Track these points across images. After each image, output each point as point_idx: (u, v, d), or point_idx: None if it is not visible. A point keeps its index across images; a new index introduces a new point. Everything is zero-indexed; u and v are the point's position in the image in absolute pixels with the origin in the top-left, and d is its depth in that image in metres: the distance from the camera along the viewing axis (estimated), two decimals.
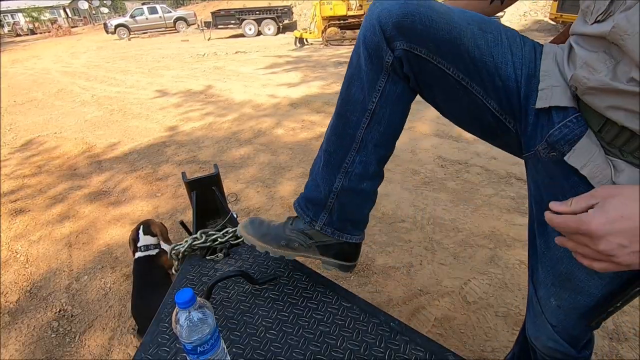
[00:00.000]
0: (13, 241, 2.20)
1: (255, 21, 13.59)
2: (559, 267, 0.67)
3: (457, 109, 0.73)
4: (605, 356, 1.26)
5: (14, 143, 3.92)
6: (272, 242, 0.87)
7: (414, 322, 1.43)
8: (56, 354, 1.45)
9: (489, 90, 0.66)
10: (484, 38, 0.64)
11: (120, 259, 1.94)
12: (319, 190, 0.81)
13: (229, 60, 8.16)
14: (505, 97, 0.66)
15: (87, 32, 26.73)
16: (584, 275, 0.64)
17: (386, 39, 0.64)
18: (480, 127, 0.74)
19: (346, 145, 0.76)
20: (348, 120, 0.74)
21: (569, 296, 0.68)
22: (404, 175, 2.52)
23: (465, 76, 0.66)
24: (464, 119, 0.75)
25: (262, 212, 2.24)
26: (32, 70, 9.19)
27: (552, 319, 0.72)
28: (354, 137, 0.74)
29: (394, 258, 1.77)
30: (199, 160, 3.05)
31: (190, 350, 0.62)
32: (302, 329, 0.81)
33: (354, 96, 0.72)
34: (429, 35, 0.62)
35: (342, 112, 0.75)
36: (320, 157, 0.81)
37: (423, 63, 0.65)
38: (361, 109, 0.72)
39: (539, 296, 0.74)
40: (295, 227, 0.86)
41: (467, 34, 0.63)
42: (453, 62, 0.64)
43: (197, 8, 25.39)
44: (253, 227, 0.90)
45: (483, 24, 0.65)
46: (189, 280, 1.01)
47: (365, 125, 0.73)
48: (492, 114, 0.68)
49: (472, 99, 0.68)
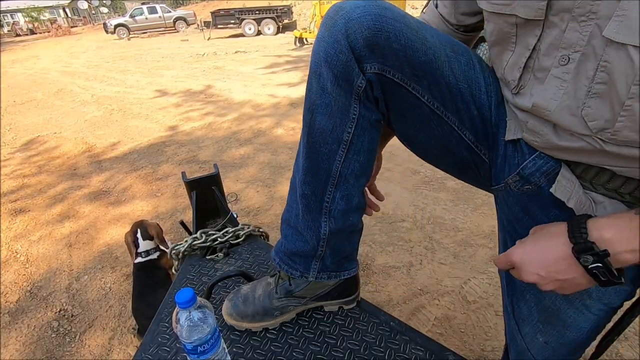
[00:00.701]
0: (13, 241, 2.20)
1: (255, 21, 13.58)
2: (544, 302, 0.64)
3: (430, 141, 0.63)
4: (605, 355, 1.26)
5: (13, 143, 3.92)
6: (266, 317, 0.79)
7: (414, 321, 1.43)
8: (56, 353, 1.45)
9: (465, 121, 0.59)
10: (457, 61, 0.57)
11: (120, 259, 1.94)
12: (304, 241, 0.71)
13: (228, 60, 8.16)
14: (482, 127, 0.60)
15: (87, 32, 26.71)
16: (571, 310, 0.61)
17: (356, 59, 0.52)
18: (452, 160, 0.66)
19: (322, 182, 0.65)
20: (319, 153, 0.62)
21: (557, 332, 0.64)
22: (403, 175, 2.52)
23: (440, 105, 0.57)
24: (433, 152, 0.66)
25: (262, 211, 2.24)
26: (31, 70, 9.18)
27: (538, 356, 0.68)
28: (330, 172, 0.63)
29: (394, 257, 1.77)
30: (199, 160, 3.05)
31: (191, 350, 0.62)
32: (302, 328, 0.81)
33: (321, 126, 0.60)
34: (406, 56, 0.52)
35: (311, 147, 0.63)
36: (297, 203, 0.70)
37: (396, 89, 0.55)
38: (333, 140, 0.60)
39: (524, 333, 0.69)
40: (281, 293, 0.78)
41: (442, 56, 0.55)
42: (428, 89, 0.56)
43: (197, 8, 25.38)
44: (237, 309, 0.80)
45: (454, 45, 0.58)
46: (189, 280, 1.01)
47: (342, 158, 0.62)
48: (467, 146, 0.62)
49: (447, 130, 0.60)
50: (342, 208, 0.67)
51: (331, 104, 0.57)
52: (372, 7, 0.50)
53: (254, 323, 0.80)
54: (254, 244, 1.13)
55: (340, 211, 0.67)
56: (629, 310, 0.59)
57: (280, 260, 0.77)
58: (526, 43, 0.50)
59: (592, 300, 0.58)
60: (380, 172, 0.85)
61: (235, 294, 0.83)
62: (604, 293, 0.57)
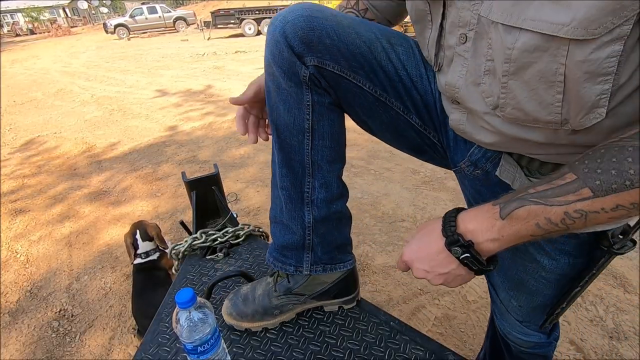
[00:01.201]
0: (13, 241, 2.20)
1: (255, 21, 13.58)
2: (510, 273, 0.70)
3: (380, 126, 0.69)
4: (605, 355, 1.26)
5: (13, 143, 3.92)
6: (265, 317, 0.79)
7: (414, 321, 1.43)
8: (56, 353, 1.45)
9: (409, 105, 0.64)
10: (394, 51, 0.62)
11: (121, 259, 1.94)
12: (291, 232, 0.73)
13: (228, 60, 8.15)
14: (426, 111, 0.65)
15: (87, 32, 26.71)
16: (533, 280, 0.67)
17: (296, 55, 0.58)
18: (406, 142, 0.71)
19: (299, 174, 0.68)
20: (290, 147, 0.66)
21: (526, 298, 0.70)
22: (403, 175, 2.52)
23: (382, 92, 0.62)
24: (389, 136, 0.71)
25: (262, 211, 2.24)
26: (31, 70, 9.18)
27: (517, 317, 0.75)
28: (303, 162, 0.67)
29: (394, 257, 1.77)
30: (199, 160, 3.05)
31: (191, 350, 0.62)
32: (302, 328, 0.81)
33: (284, 121, 0.65)
34: (339, 50, 0.58)
35: (281, 142, 0.67)
36: (279, 198, 0.73)
37: (338, 79, 0.60)
38: (297, 131, 0.64)
39: (501, 298, 0.76)
40: (280, 291, 0.78)
41: (378, 47, 0.60)
42: (368, 78, 0.61)
43: (197, 8, 25.38)
44: (237, 308, 0.80)
45: (392, 36, 0.62)
46: (189, 280, 1.01)
47: (309, 146, 0.66)
48: (415, 129, 0.67)
49: (393, 115, 0.65)
50: (323, 196, 0.70)
51: (287, 98, 0.63)
52: (305, 10, 0.57)
53: (253, 323, 0.80)
54: (254, 244, 1.13)
55: (322, 199, 0.70)
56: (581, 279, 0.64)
57: (274, 259, 0.78)
58: (437, 22, 0.53)
59: (547, 272, 0.64)
60: (380, 172, 0.86)
61: (235, 294, 0.84)
62: (556, 266, 0.62)
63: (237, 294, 0.83)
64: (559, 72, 0.39)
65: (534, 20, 0.38)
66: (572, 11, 0.36)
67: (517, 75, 0.42)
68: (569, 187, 0.40)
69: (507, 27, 0.41)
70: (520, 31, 0.40)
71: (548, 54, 0.39)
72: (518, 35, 0.40)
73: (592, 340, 1.31)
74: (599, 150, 0.40)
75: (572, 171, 0.41)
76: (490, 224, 0.46)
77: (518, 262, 0.66)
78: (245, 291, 0.83)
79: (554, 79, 0.40)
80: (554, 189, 0.41)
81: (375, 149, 2.89)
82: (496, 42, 0.43)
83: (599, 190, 0.38)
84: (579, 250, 0.60)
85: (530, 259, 0.64)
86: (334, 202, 0.72)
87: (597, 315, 1.40)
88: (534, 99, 0.43)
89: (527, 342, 0.77)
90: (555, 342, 0.82)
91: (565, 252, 0.61)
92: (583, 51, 0.37)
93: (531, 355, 0.81)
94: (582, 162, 0.40)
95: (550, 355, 0.83)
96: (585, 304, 1.45)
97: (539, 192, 0.43)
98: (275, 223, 0.76)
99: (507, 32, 0.41)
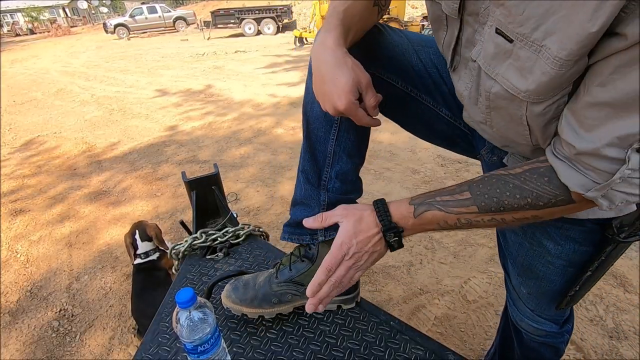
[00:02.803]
0: (13, 241, 2.20)
1: (255, 20, 13.57)
2: (519, 259, 0.75)
3: (413, 120, 0.77)
4: (605, 354, 1.26)
5: (13, 143, 3.92)
6: (263, 304, 0.81)
7: (414, 321, 1.44)
8: (57, 353, 1.45)
9: (438, 99, 0.72)
10: (425, 52, 0.71)
11: (121, 259, 1.94)
12: (309, 208, 0.78)
13: (228, 60, 8.15)
14: (454, 103, 0.71)
15: (87, 32, 26.70)
16: (540, 265, 0.70)
17: None
18: (438, 135, 0.79)
19: (320, 162, 0.74)
20: (316, 137, 0.72)
21: (534, 284, 0.74)
22: (403, 175, 2.52)
23: (413, 88, 0.71)
24: (421, 129, 0.79)
25: (262, 211, 2.24)
26: (31, 70, 9.18)
27: (528, 304, 0.78)
28: (325, 153, 0.73)
29: (394, 257, 1.77)
30: (199, 160, 3.05)
31: (191, 349, 0.62)
32: (302, 328, 0.81)
33: (315, 113, 0.70)
34: (376, 55, 0.68)
35: (309, 132, 0.73)
36: (300, 180, 0.78)
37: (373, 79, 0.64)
38: (327, 122, 0.70)
39: (513, 284, 0.80)
40: (282, 278, 0.80)
41: (409, 49, 0.70)
42: (400, 76, 0.70)
43: (197, 7, 25.38)
44: (237, 292, 0.82)
45: (423, 40, 0.73)
46: (189, 279, 1.01)
47: (334, 136, 0.71)
48: (445, 121, 0.74)
49: (424, 109, 0.73)
50: (338, 187, 0.75)
51: None
52: None
53: (251, 309, 0.80)
54: (254, 244, 1.13)
55: (337, 189, 0.75)
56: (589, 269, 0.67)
57: (289, 234, 0.81)
58: (453, 31, 0.57)
59: (552, 257, 0.68)
60: (381, 172, 0.87)
61: (238, 280, 0.86)
62: (561, 251, 0.66)
63: (239, 279, 0.86)
64: (523, 118, 0.49)
65: (504, 77, 0.47)
66: (526, 83, 0.44)
67: (496, 110, 0.53)
68: (464, 202, 0.53)
69: (486, 74, 0.50)
70: (495, 82, 0.49)
71: (514, 104, 0.49)
72: (493, 84, 0.49)
73: (592, 340, 1.31)
74: (491, 179, 0.52)
75: (469, 191, 0.53)
76: (407, 219, 0.58)
77: (526, 246, 0.71)
78: (247, 278, 0.85)
79: (520, 121, 0.50)
80: (454, 202, 0.54)
81: (375, 149, 2.89)
82: (482, 80, 0.52)
83: (482, 209, 0.52)
84: (584, 237, 0.64)
85: (536, 242, 0.68)
86: (347, 194, 0.77)
87: (597, 314, 1.40)
88: (510, 129, 0.53)
89: (539, 330, 0.79)
90: (568, 335, 0.83)
91: (570, 238, 0.64)
92: (537, 107, 0.47)
93: (542, 345, 0.82)
94: (477, 186, 0.53)
95: (562, 348, 0.84)
96: (585, 303, 1.45)
97: (444, 201, 0.55)
98: (295, 205, 0.81)
99: (487, 78, 0.50)
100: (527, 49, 0.42)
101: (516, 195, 0.49)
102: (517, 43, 0.43)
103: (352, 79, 0.55)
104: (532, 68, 0.43)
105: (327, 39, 0.58)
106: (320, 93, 0.60)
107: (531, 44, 0.42)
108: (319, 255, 0.79)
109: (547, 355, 0.84)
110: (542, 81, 0.43)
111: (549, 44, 0.40)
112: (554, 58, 0.40)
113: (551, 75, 0.41)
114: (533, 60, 0.42)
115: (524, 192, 0.49)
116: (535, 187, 0.49)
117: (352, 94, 0.56)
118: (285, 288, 0.80)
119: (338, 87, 0.56)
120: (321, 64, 0.58)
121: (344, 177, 0.75)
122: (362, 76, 0.57)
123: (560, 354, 0.86)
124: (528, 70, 0.44)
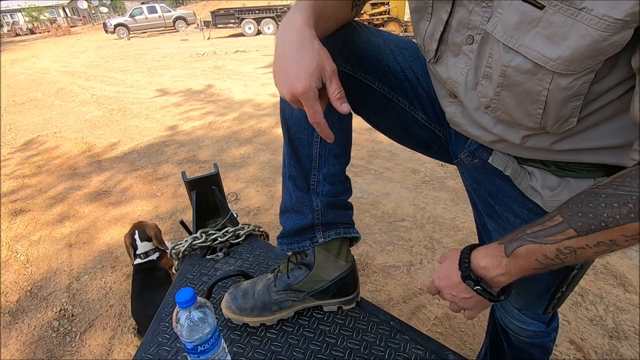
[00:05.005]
0: (13, 241, 2.20)
1: (255, 20, 13.57)
2: None
3: (388, 123, 0.75)
4: (605, 354, 1.26)
5: (13, 143, 3.92)
6: (264, 312, 0.80)
7: (414, 320, 1.43)
8: (57, 353, 1.45)
9: (414, 102, 0.70)
10: (401, 54, 0.69)
11: (121, 259, 1.94)
12: (303, 215, 0.76)
13: (228, 60, 8.15)
14: (430, 107, 0.70)
15: (87, 32, 26.70)
16: None
17: None
18: (413, 139, 0.77)
19: (306, 167, 0.72)
20: (299, 141, 0.70)
21: (521, 284, 0.72)
22: (403, 175, 2.52)
23: (389, 90, 0.69)
24: (397, 132, 0.77)
25: (262, 211, 2.24)
26: (31, 70, 9.17)
27: (516, 305, 0.77)
28: (311, 156, 0.71)
29: (394, 257, 1.77)
30: (199, 160, 3.05)
31: (191, 349, 0.62)
32: (302, 328, 0.81)
33: (296, 115, 0.68)
34: (352, 52, 0.65)
35: (290, 136, 0.71)
36: (288, 187, 0.76)
37: (349, 79, 0.64)
38: (308, 124, 0.64)
39: None
40: (280, 287, 0.80)
41: (386, 50, 0.68)
42: (377, 77, 0.68)
43: (197, 7, 25.38)
44: (236, 302, 0.81)
45: (399, 41, 0.70)
46: (189, 279, 1.01)
47: (318, 139, 0.69)
48: (421, 124, 0.72)
49: (400, 111, 0.71)
50: (328, 190, 0.74)
51: None
52: None
53: (252, 317, 0.80)
54: (254, 244, 1.13)
55: (327, 192, 0.74)
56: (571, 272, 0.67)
57: (287, 244, 0.80)
58: (440, 16, 0.55)
59: None
60: (381, 172, 0.87)
61: (236, 288, 0.85)
62: None
63: (237, 288, 0.85)
64: (542, 94, 0.47)
65: (529, 48, 0.44)
66: (559, 50, 0.42)
67: (509, 88, 0.49)
68: (557, 228, 0.47)
69: (506, 47, 0.46)
70: (516, 54, 0.46)
71: (536, 77, 0.46)
72: (514, 56, 0.46)
73: (592, 340, 1.31)
74: (579, 196, 0.47)
75: (559, 214, 0.48)
76: (498, 261, 0.53)
77: None
78: (245, 286, 0.84)
79: (538, 98, 0.47)
80: (545, 230, 0.48)
81: (375, 149, 2.89)
82: (496, 55, 0.48)
83: (581, 230, 0.45)
84: None
85: None
86: (338, 195, 0.76)
87: (597, 314, 1.40)
88: (520, 108, 0.50)
89: (526, 330, 0.79)
90: (554, 333, 0.84)
91: None
92: (564, 80, 0.44)
93: (530, 346, 0.82)
94: (567, 207, 0.47)
95: (550, 347, 0.85)
96: (585, 303, 1.45)
97: (534, 232, 0.49)
98: (286, 213, 0.79)
99: (505, 51, 0.47)
100: (562, 14, 0.40)
101: (613, 203, 0.43)
102: (548, 9, 0.41)
103: (316, 63, 0.50)
104: (567, 33, 0.41)
105: (296, 16, 0.53)
106: (278, 72, 0.53)
107: (567, 7, 0.40)
108: (315, 262, 0.78)
109: (537, 355, 0.84)
110: (579, 45, 0.40)
111: (589, 5, 0.38)
112: (601, 17, 0.38)
113: (593, 38, 0.39)
114: (569, 25, 0.40)
115: (621, 198, 0.43)
116: (632, 189, 0.43)
117: (314, 79, 0.50)
118: (285, 296, 0.80)
119: (299, 67, 0.50)
120: (285, 42, 0.52)
121: (333, 179, 0.73)
122: (328, 63, 0.51)
123: (549, 352, 0.86)
124: (562, 37, 0.41)
